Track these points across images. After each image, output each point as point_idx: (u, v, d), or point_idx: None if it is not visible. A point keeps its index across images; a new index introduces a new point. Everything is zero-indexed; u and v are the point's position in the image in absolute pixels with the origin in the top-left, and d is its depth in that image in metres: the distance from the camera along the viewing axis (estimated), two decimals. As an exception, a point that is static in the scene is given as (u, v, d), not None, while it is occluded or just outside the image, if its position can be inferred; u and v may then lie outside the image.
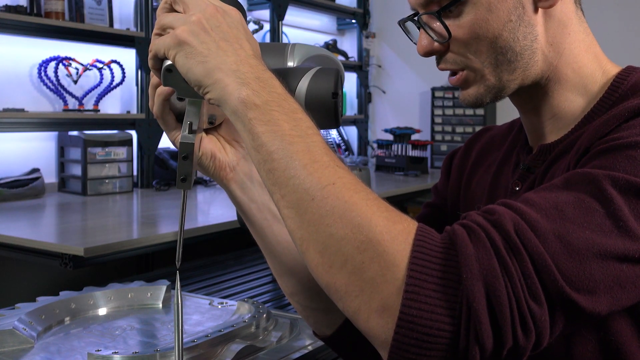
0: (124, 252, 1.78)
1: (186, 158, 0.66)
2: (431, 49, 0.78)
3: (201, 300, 1.24)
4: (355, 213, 0.56)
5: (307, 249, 0.58)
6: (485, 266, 0.54)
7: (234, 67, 0.61)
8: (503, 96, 0.80)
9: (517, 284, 0.54)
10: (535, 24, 0.76)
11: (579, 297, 0.56)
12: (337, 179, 0.58)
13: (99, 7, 2.80)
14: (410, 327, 0.53)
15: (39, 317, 1.05)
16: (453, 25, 0.76)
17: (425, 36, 0.78)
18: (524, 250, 0.55)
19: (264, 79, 0.61)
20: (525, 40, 0.75)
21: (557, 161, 0.77)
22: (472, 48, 0.76)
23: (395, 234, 0.55)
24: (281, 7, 3.61)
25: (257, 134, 0.59)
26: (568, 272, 0.55)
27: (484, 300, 0.53)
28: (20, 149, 2.64)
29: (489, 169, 0.91)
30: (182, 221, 0.69)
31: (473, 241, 0.55)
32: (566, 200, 0.59)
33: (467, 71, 0.78)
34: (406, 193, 3.20)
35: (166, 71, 0.64)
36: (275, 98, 0.61)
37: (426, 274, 0.54)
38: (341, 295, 0.57)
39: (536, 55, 0.77)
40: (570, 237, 0.56)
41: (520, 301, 0.54)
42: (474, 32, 0.75)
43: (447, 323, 0.53)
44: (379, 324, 0.55)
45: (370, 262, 0.55)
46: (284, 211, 0.59)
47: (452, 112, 4.04)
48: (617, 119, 0.68)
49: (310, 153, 0.58)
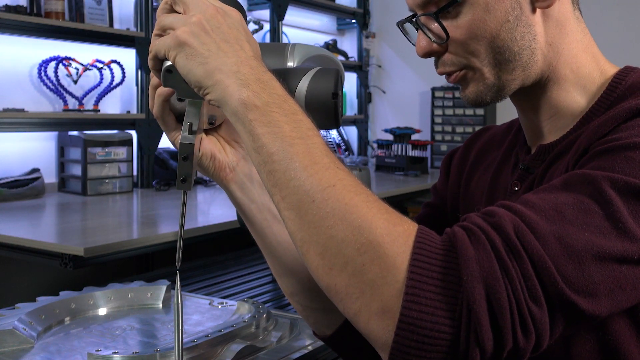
0: (124, 252, 1.78)
1: (186, 159, 0.66)
2: (430, 49, 0.78)
3: (201, 300, 1.24)
4: (356, 215, 0.56)
5: (307, 250, 0.58)
6: (485, 268, 0.54)
7: (234, 69, 0.61)
8: (504, 96, 0.80)
9: (518, 286, 0.54)
10: (533, 23, 0.76)
11: (578, 299, 0.56)
12: (338, 180, 0.58)
13: (99, 7, 2.80)
14: (411, 329, 0.53)
15: (39, 317, 1.05)
16: (451, 26, 0.76)
17: (424, 37, 0.78)
18: (524, 253, 0.55)
19: (264, 81, 0.61)
20: (523, 40, 0.75)
21: (556, 161, 0.77)
22: (470, 48, 0.76)
23: (395, 236, 0.56)
24: (281, 7, 3.61)
25: (258, 135, 0.60)
26: (568, 274, 0.55)
27: (484, 303, 0.53)
28: (20, 149, 2.64)
29: (488, 169, 0.91)
30: (182, 221, 0.69)
31: (473, 243, 0.55)
32: (565, 201, 0.59)
33: (466, 70, 0.78)
34: (406, 193, 3.20)
35: (166, 72, 0.64)
36: (275, 99, 0.61)
37: (426, 276, 0.54)
38: (341, 297, 0.57)
39: (535, 54, 0.77)
40: (570, 239, 0.56)
41: (520, 303, 0.54)
42: (472, 33, 0.75)
43: (447, 325, 0.53)
44: (380, 326, 0.55)
45: (371, 264, 0.55)
46: (284, 212, 0.59)
47: (452, 112, 4.04)
48: (615, 120, 0.68)
49: (311, 155, 0.58)
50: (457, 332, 0.53)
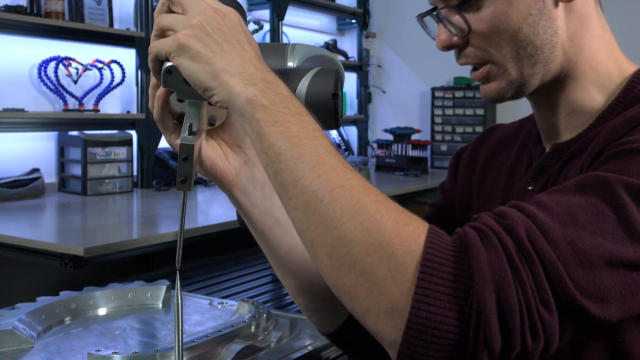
0: (124, 252, 1.78)
1: (186, 159, 0.66)
2: (450, 43, 0.78)
3: (201, 300, 1.24)
4: (365, 216, 0.56)
5: (315, 250, 0.58)
6: (497, 271, 0.54)
7: (239, 69, 0.61)
8: (524, 93, 0.79)
9: (528, 290, 0.54)
10: (555, 17, 0.75)
11: (589, 304, 0.55)
12: (346, 180, 0.58)
13: (99, 7, 2.80)
14: (420, 329, 0.53)
15: (39, 317, 1.05)
16: (473, 19, 0.75)
17: (444, 30, 0.78)
18: (536, 257, 0.55)
19: (269, 80, 0.61)
20: (545, 34, 0.75)
21: (571, 161, 0.76)
22: (493, 42, 0.75)
23: (404, 236, 0.55)
24: (281, 7, 3.61)
25: (265, 135, 0.59)
26: (579, 279, 0.55)
27: (495, 305, 0.53)
28: (20, 149, 2.64)
29: (502, 168, 0.90)
30: (182, 222, 0.69)
31: (485, 245, 0.55)
32: (578, 204, 0.59)
33: (490, 65, 0.77)
34: (406, 193, 3.20)
35: (166, 73, 0.64)
36: (281, 99, 0.61)
37: (437, 277, 0.54)
38: (350, 296, 0.57)
39: (556, 49, 0.76)
40: (582, 244, 0.56)
41: (530, 307, 0.54)
42: (494, 26, 0.74)
43: (456, 326, 0.53)
44: (388, 325, 0.55)
45: (380, 264, 0.55)
46: (292, 212, 0.59)
47: (452, 112, 4.04)
48: (632, 122, 0.68)
49: (318, 155, 0.58)
50: (466, 332, 0.53)
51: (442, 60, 4.18)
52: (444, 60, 4.19)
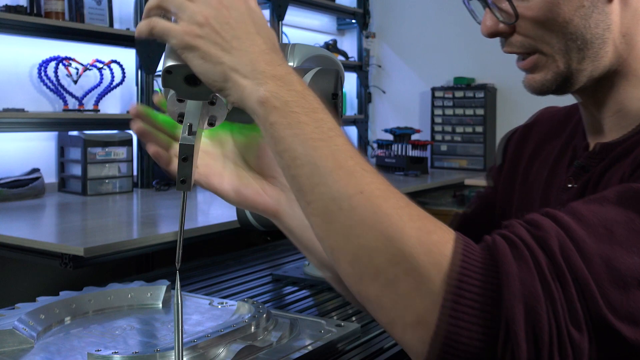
0: (124, 252, 1.78)
1: (186, 160, 0.66)
2: (495, 29, 0.75)
3: (201, 300, 1.24)
4: (387, 224, 0.54)
5: (337, 258, 0.56)
6: (527, 287, 0.52)
7: (249, 68, 0.59)
8: (570, 88, 0.76)
9: (559, 308, 0.52)
10: (609, 12, 0.72)
11: (622, 326, 0.53)
12: (365, 185, 0.56)
13: (99, 7, 2.80)
14: (446, 342, 0.52)
15: (39, 317, 1.05)
16: (522, 6, 0.72)
17: (491, 16, 0.75)
18: (568, 274, 0.53)
19: (281, 76, 0.59)
20: (597, 28, 0.71)
21: (615, 164, 0.73)
22: (541, 31, 0.72)
23: (429, 246, 0.54)
24: (281, 7, 3.61)
25: (279, 138, 0.58)
26: (612, 299, 0.53)
27: (524, 323, 0.52)
28: (20, 149, 2.64)
29: (545, 163, 0.87)
30: (182, 222, 0.69)
31: (516, 259, 0.53)
32: (616, 218, 0.56)
33: (539, 55, 0.74)
34: (406, 193, 3.16)
35: (166, 73, 0.64)
36: (294, 97, 0.59)
37: (465, 290, 0.52)
38: (374, 306, 0.55)
39: (607, 45, 0.72)
40: (617, 262, 0.54)
41: (560, 327, 0.52)
42: (544, 15, 0.71)
43: (483, 341, 0.52)
44: (414, 337, 0.54)
45: (405, 276, 0.53)
46: (311, 218, 0.58)
47: (452, 112, 4.04)
48: None
49: (335, 158, 0.56)
50: (494, 349, 0.52)
51: (442, 60, 4.19)
52: (444, 60, 4.21)
